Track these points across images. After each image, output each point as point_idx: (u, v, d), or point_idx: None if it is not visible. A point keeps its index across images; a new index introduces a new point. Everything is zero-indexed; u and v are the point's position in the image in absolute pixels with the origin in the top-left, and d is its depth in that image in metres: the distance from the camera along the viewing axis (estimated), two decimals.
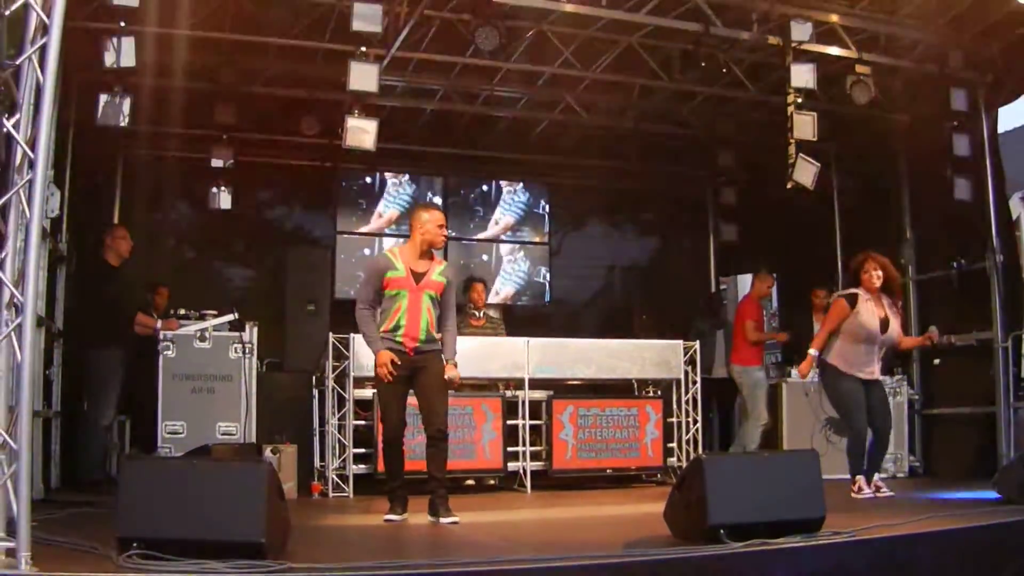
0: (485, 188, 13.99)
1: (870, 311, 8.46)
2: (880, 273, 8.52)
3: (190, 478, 4.96)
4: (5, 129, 4.71)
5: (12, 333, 4.61)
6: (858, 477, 8.48)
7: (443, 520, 7.09)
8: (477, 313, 11.08)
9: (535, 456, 9.95)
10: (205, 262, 12.72)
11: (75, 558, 4.81)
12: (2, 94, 4.84)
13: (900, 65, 10.43)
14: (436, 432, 7.19)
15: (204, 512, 4.75)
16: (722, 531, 5.36)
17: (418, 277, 7.22)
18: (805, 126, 9.61)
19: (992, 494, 7.45)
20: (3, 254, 4.70)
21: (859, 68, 10.03)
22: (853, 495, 8.30)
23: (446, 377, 7.22)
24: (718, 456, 8.87)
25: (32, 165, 4.69)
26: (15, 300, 4.64)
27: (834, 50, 9.96)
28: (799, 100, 9.63)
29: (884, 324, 8.48)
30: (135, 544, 4.64)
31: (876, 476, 8.53)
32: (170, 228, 12.53)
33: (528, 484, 9.68)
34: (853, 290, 8.59)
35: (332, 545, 6.27)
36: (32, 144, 4.70)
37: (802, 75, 9.50)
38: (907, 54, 10.30)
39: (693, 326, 12.24)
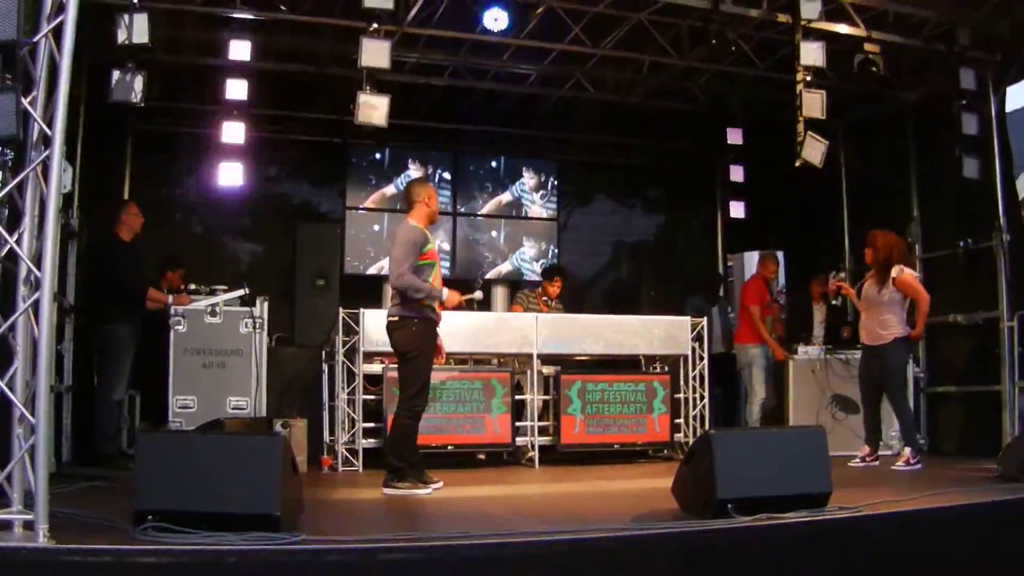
0: (494, 164, 14.01)
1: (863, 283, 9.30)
2: (868, 249, 9.23)
3: (206, 451, 5.02)
4: (22, 107, 4.73)
5: (29, 309, 4.67)
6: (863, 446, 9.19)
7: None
8: (551, 303, 11.08)
9: (543, 431, 10.01)
10: (215, 237, 12.75)
11: (92, 530, 4.87)
12: (20, 72, 4.86)
13: (909, 43, 10.39)
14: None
15: (220, 485, 4.81)
16: (730, 505, 5.42)
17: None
18: (814, 104, 9.60)
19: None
20: (20, 230, 4.74)
21: (868, 46, 10.04)
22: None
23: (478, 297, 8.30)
24: (727, 431, 8.91)
25: (49, 142, 4.73)
26: (32, 276, 4.69)
27: (843, 28, 9.96)
28: (808, 78, 9.63)
29: (860, 292, 9.27)
30: (151, 517, 4.69)
31: (906, 448, 8.91)
32: (180, 203, 12.56)
33: (536, 459, 9.76)
34: None
35: (343, 518, 6.31)
36: (49, 122, 4.74)
37: (811, 53, 9.49)
38: (916, 32, 10.27)
39: (689, 303, 12.28)
